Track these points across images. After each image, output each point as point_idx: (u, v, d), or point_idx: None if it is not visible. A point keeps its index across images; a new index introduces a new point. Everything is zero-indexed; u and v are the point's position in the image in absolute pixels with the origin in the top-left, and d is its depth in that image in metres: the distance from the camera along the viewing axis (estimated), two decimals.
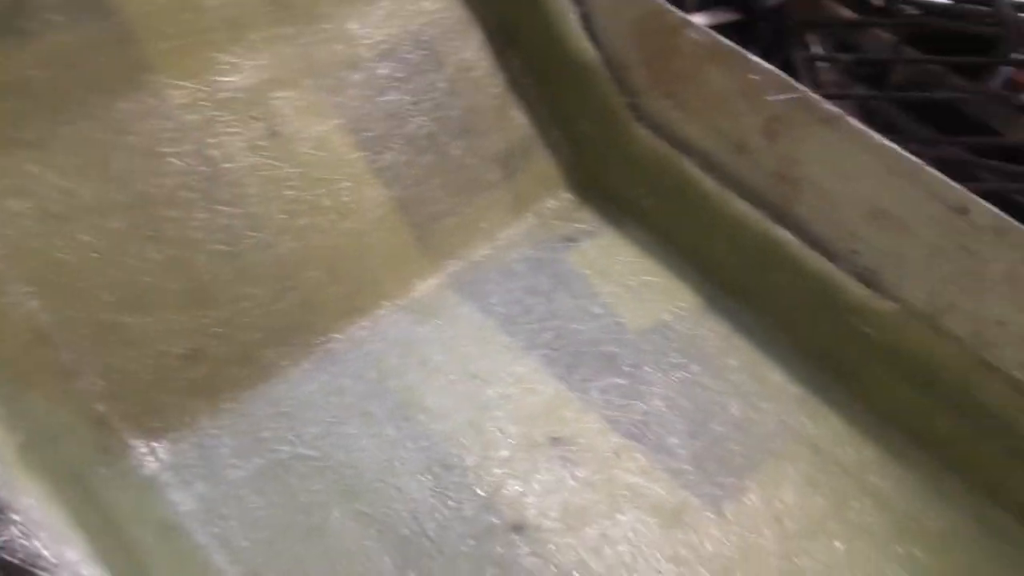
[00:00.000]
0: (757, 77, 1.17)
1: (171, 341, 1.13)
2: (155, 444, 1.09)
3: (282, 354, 1.21)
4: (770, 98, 1.16)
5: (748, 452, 1.22)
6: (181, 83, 1.19)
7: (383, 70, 1.35)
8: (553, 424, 1.21)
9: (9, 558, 0.68)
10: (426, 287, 1.33)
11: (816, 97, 1.13)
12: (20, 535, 0.70)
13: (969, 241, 1.07)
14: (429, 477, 1.14)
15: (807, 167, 1.19)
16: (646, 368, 1.30)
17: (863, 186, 1.14)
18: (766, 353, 1.32)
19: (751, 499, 1.17)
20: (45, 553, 0.70)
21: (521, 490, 1.14)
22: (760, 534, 1.14)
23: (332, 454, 1.14)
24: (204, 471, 1.09)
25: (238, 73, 1.23)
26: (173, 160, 1.17)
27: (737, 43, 1.18)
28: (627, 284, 1.39)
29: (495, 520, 1.11)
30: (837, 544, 1.15)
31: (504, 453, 1.18)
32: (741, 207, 1.30)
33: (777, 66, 1.19)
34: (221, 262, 1.18)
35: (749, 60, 1.18)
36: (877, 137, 1.10)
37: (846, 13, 2.05)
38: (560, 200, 1.48)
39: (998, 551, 1.17)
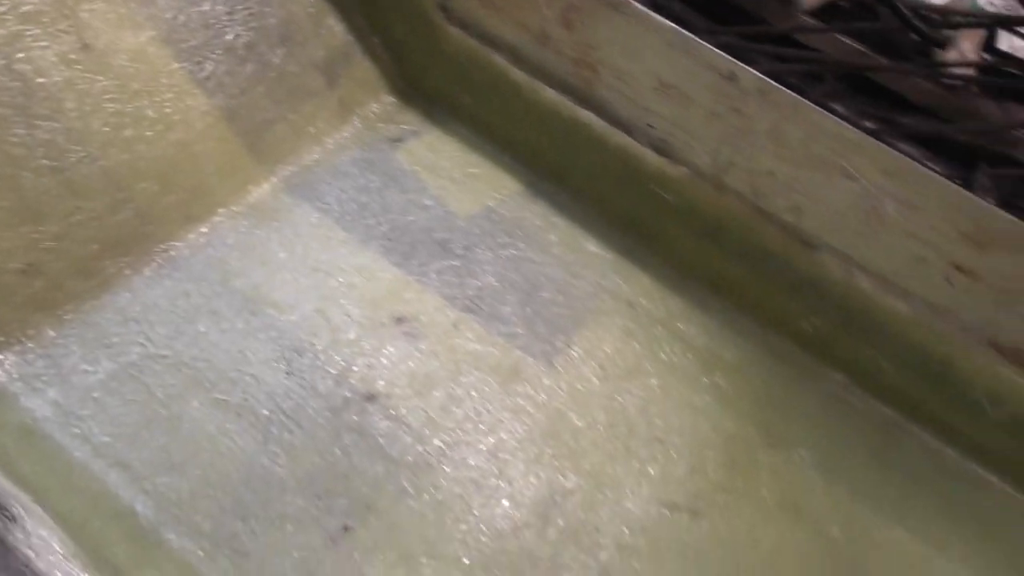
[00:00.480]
0: None
1: (4, 258, 1.13)
2: (0, 357, 1.11)
3: (122, 264, 1.23)
4: None
5: (572, 313, 1.37)
6: None
7: None
8: (395, 305, 1.31)
9: None
10: (260, 192, 1.38)
11: None
12: None
13: (739, 104, 1.24)
14: (282, 363, 1.21)
15: (602, 51, 1.32)
16: (477, 249, 1.41)
17: (650, 63, 1.28)
18: (582, 226, 1.47)
19: (577, 352, 1.33)
20: None
21: (370, 365, 1.24)
22: (587, 380, 1.30)
23: (184, 351, 1.19)
24: (55, 378, 1.12)
25: None
26: None
27: None
28: (453, 177, 1.49)
29: (348, 393, 1.20)
30: (652, 381, 1.32)
31: (351, 335, 1.27)
32: (549, 95, 1.42)
33: None
34: (48, 178, 1.18)
35: None
36: (658, 18, 1.24)
37: None
38: (383, 103, 1.55)
39: (785, 374, 1.38)
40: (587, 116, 1.41)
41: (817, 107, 1.20)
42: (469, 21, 1.43)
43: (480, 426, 1.22)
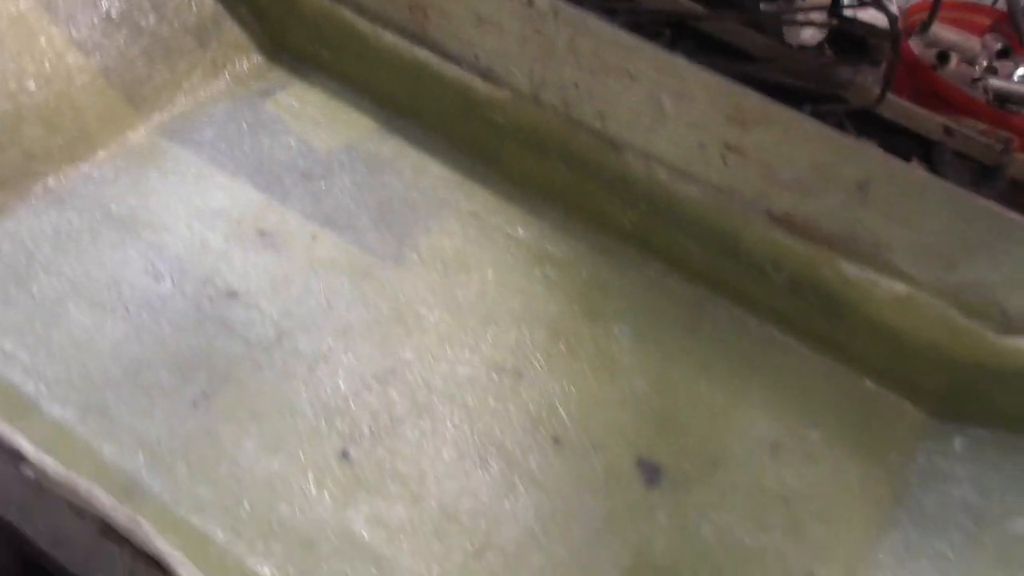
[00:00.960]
0: None
1: None
2: None
3: (9, 196, 1.41)
4: None
5: (420, 224, 1.56)
6: None
7: None
8: (259, 222, 1.50)
9: None
10: (137, 136, 1.57)
11: None
12: None
13: (539, 25, 1.45)
14: (153, 271, 1.39)
15: None
16: (335, 177, 1.60)
17: (468, 1, 1.49)
18: (430, 154, 1.67)
19: (422, 255, 1.51)
20: None
21: (233, 269, 1.42)
22: (430, 276, 1.49)
23: (66, 265, 1.37)
24: None
25: None
26: None
27: None
28: (316, 120, 1.69)
29: (212, 292, 1.38)
30: (488, 274, 1.51)
31: (219, 247, 1.45)
32: (391, 39, 1.63)
33: None
34: None
35: None
36: None
37: None
38: (252, 63, 1.75)
39: (609, 264, 1.56)
40: (425, 55, 1.61)
41: (600, 19, 1.40)
42: None
43: (331, 314, 1.40)
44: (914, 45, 2.58)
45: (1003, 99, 2.45)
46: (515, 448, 1.29)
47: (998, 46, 2.64)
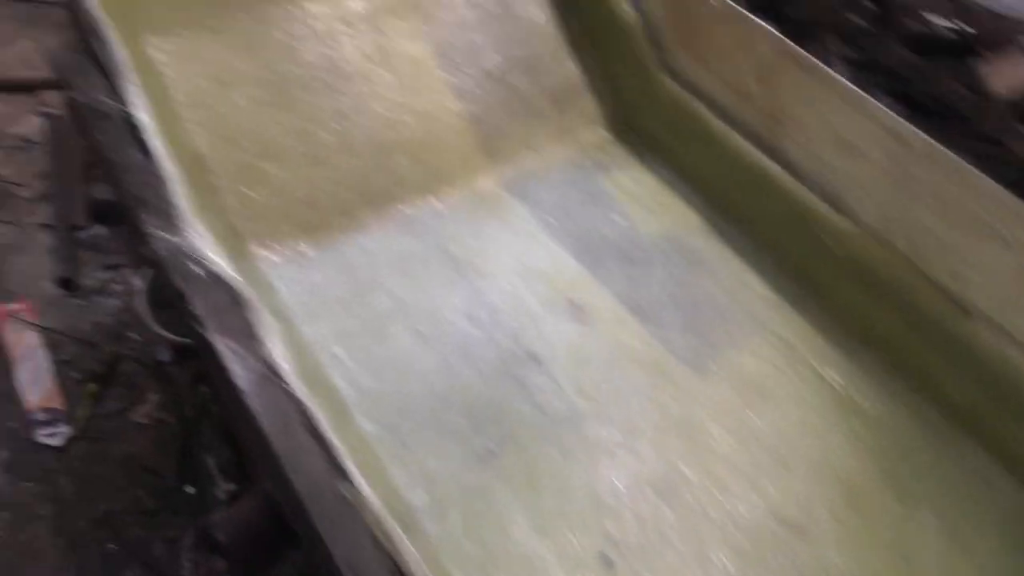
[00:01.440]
0: (756, 34, 1.49)
1: (293, 188, 1.49)
2: (273, 257, 1.44)
3: (371, 213, 1.55)
4: (763, 50, 1.48)
5: (727, 336, 1.52)
6: (316, 2, 1.57)
7: (469, 14, 1.71)
8: (574, 293, 1.53)
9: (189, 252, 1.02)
10: (486, 183, 1.67)
11: (799, 50, 1.45)
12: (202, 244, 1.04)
13: (907, 163, 1.36)
14: (472, 315, 1.46)
15: (792, 108, 1.50)
16: (654, 266, 1.60)
17: (832, 121, 1.44)
18: (752, 264, 1.62)
19: (724, 369, 1.47)
20: (214, 257, 1.04)
21: (540, 334, 1.46)
22: (727, 394, 1.43)
23: (398, 287, 1.47)
24: (304, 285, 1.44)
25: (359, 0, 1.61)
26: (305, 55, 1.54)
27: None
28: (646, 204, 1.71)
29: (518, 350, 1.42)
30: (790, 411, 1.43)
31: (532, 307, 1.49)
32: (739, 142, 1.61)
33: None
34: (334, 137, 1.54)
35: (753, 21, 1.51)
36: (845, 82, 1.40)
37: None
38: (598, 135, 1.81)
39: (926, 436, 1.42)
40: (771, 165, 1.58)
41: (980, 172, 1.29)
42: (680, 72, 1.67)
43: (623, 406, 1.39)
44: None
45: None
46: None
47: None
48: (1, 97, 2.51)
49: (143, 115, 1.09)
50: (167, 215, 1.08)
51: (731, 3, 1.54)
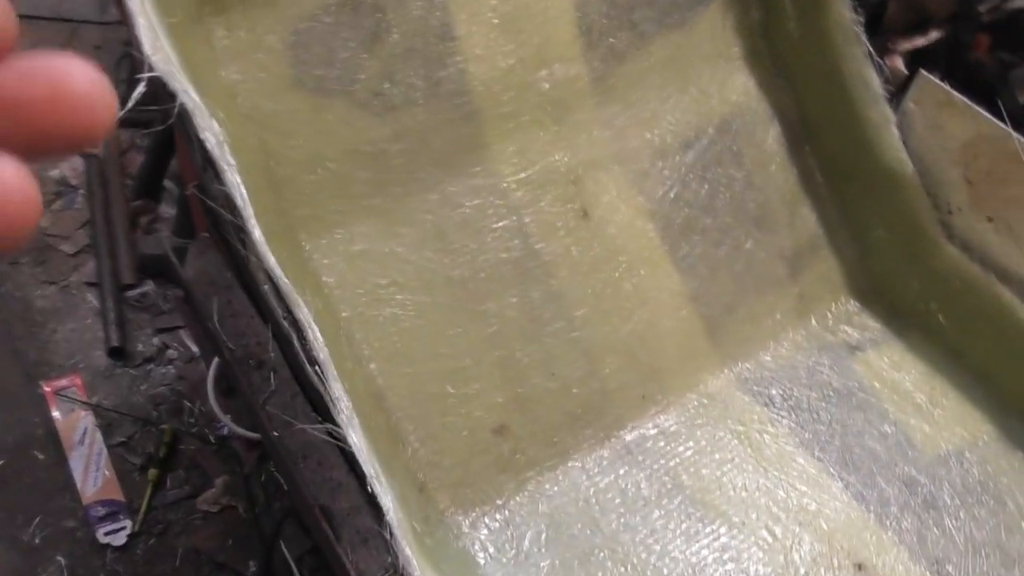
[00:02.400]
0: None
1: (484, 415, 1.14)
2: (469, 515, 1.10)
3: (581, 439, 1.20)
4: None
5: None
6: (510, 160, 1.22)
7: (687, 159, 1.35)
8: (855, 546, 1.16)
9: None
10: (715, 382, 1.30)
11: None
12: None
13: None
14: None
15: None
16: (943, 498, 1.22)
17: None
18: None
19: None
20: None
21: None
22: None
23: (631, 547, 1.12)
24: (511, 553, 1.09)
25: (559, 152, 1.26)
26: (497, 236, 1.19)
27: None
28: (916, 402, 1.33)
29: None
30: None
31: (803, 570, 1.13)
32: None
33: None
34: (530, 342, 1.19)
35: None
36: None
37: None
38: (843, 304, 1.43)
39: None
40: None
41: None
42: (974, 243, 1.28)
43: None
44: None
45: None
46: None
47: None
48: None
49: (351, 431, 0.76)
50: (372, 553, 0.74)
51: None
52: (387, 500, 0.74)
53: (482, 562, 1.07)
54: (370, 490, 0.75)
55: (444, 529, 1.07)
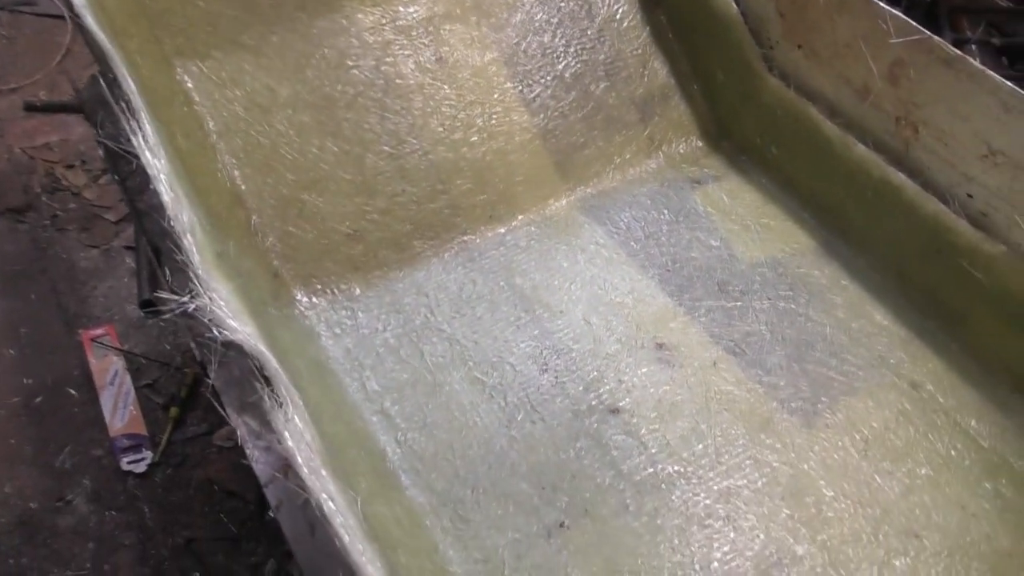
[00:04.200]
0: (884, 23, 1.24)
1: (338, 220, 1.34)
2: (316, 300, 1.30)
3: (427, 246, 1.39)
4: (894, 41, 1.23)
5: (843, 379, 1.28)
6: (369, 9, 1.41)
7: (540, 14, 1.52)
8: (659, 331, 1.33)
9: (203, 318, 0.89)
10: (558, 206, 1.48)
11: (938, 40, 1.19)
12: (216, 306, 0.90)
13: None
14: (540, 360, 1.28)
15: (927, 110, 1.25)
16: (754, 297, 1.38)
17: (980, 127, 1.18)
18: (874, 295, 1.37)
19: (840, 419, 1.24)
20: (231, 323, 0.90)
21: (621, 381, 1.26)
22: (845, 451, 1.20)
23: (459, 330, 1.31)
24: (351, 329, 1.29)
25: (416, 5, 1.44)
26: (355, 72, 1.39)
27: None
28: (745, 224, 1.48)
29: (594, 401, 1.24)
30: (921, 471, 1.19)
31: (610, 349, 1.30)
32: (861, 152, 1.36)
33: None
34: (385, 161, 1.38)
35: (878, 7, 1.25)
36: (996, 77, 1.14)
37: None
38: (691, 146, 1.59)
39: None
40: (899, 178, 1.32)
41: None
42: (790, 72, 1.43)
43: (718, 466, 1.18)
44: None
45: None
46: None
47: None
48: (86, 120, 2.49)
49: (153, 159, 0.96)
50: (183, 273, 0.95)
51: None
52: (181, 210, 0.94)
53: (323, 336, 1.27)
54: (168, 212, 0.95)
55: (291, 307, 1.28)
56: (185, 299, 0.90)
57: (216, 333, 0.90)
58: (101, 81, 1.08)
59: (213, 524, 1.70)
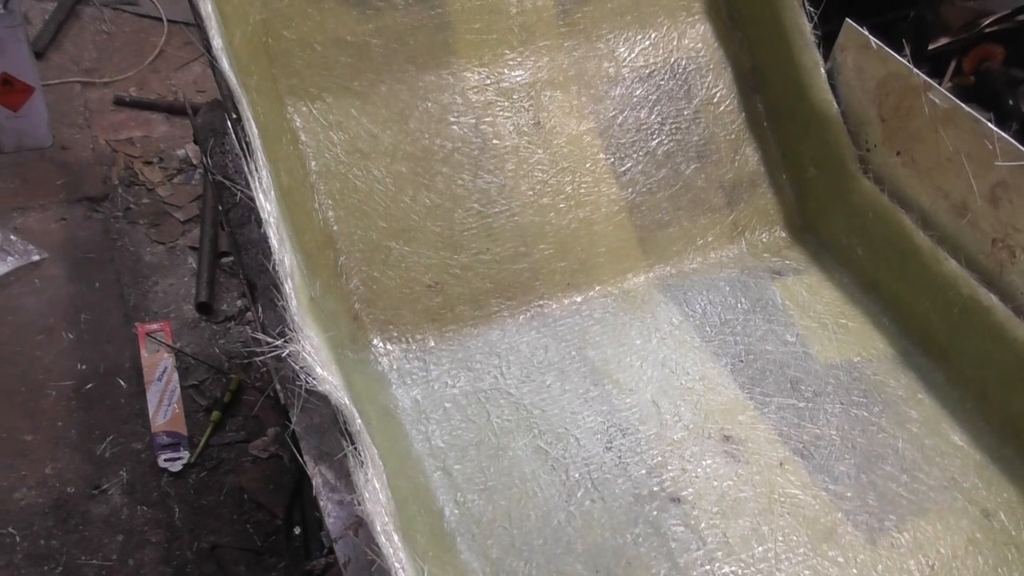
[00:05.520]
0: (990, 143, 1.23)
1: (421, 271, 1.36)
2: (390, 347, 1.32)
3: (504, 306, 1.40)
4: (999, 164, 1.22)
5: (913, 498, 1.25)
6: (476, 68, 1.44)
7: (639, 90, 1.54)
8: (727, 423, 1.31)
9: (294, 364, 0.90)
10: (636, 282, 1.48)
11: None
12: (307, 353, 0.91)
13: None
14: (605, 437, 1.27)
15: None
16: (826, 399, 1.36)
17: None
18: (951, 412, 1.34)
19: (906, 539, 1.20)
20: (320, 371, 0.91)
21: (684, 469, 1.24)
22: (906, 571, 1.17)
23: (527, 396, 1.30)
24: (421, 380, 1.30)
25: (521, 69, 1.47)
26: (455, 128, 1.42)
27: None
28: (823, 321, 1.46)
29: (656, 487, 1.22)
30: None
31: (676, 435, 1.29)
32: (952, 267, 1.34)
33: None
34: (473, 218, 1.40)
35: (985, 126, 1.25)
36: None
37: None
38: (774, 236, 1.58)
39: None
40: (990, 299, 1.30)
41: None
42: (886, 176, 1.42)
43: (776, 573, 1.15)
44: None
45: None
46: None
47: None
48: (169, 120, 2.57)
49: (266, 202, 0.99)
50: (277, 314, 0.96)
51: (960, 103, 1.29)
52: (284, 254, 0.96)
53: (394, 383, 1.28)
54: (274, 255, 0.97)
55: (367, 351, 1.29)
56: (279, 343, 0.92)
57: (304, 380, 0.91)
58: (226, 118, 1.11)
59: (239, 533, 1.72)
